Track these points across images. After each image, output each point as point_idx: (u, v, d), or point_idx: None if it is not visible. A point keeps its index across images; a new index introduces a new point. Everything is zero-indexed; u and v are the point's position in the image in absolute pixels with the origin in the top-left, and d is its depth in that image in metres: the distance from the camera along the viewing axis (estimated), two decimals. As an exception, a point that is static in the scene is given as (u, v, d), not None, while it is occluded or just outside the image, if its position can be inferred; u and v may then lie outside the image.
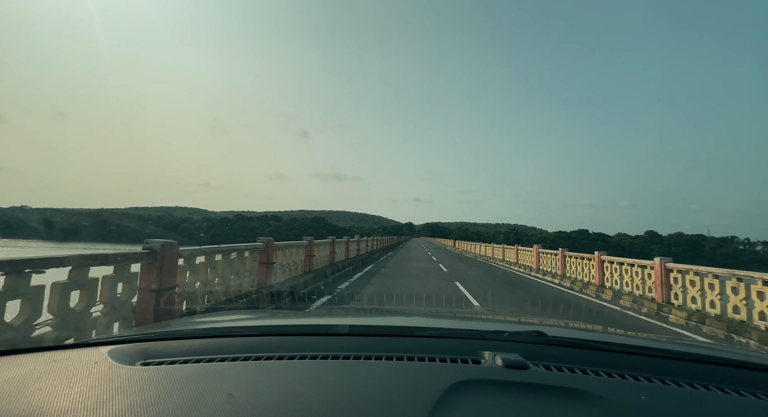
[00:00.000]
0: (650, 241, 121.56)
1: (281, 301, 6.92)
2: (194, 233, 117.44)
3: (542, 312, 7.73)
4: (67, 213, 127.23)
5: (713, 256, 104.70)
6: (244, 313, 1.83)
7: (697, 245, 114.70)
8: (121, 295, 3.55)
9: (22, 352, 0.98)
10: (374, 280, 11.02)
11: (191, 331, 1.17)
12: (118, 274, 3.51)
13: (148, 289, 3.81)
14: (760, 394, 0.83)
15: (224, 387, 0.73)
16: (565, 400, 0.74)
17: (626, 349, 1.05)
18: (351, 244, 15.72)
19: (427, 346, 1.04)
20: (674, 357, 1.04)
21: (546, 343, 1.06)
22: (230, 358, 0.91)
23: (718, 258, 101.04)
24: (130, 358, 0.92)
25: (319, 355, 0.93)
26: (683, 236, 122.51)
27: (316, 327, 1.27)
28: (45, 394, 0.71)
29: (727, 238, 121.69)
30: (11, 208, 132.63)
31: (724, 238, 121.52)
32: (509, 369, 0.85)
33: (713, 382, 0.87)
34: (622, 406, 0.72)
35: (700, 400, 0.79)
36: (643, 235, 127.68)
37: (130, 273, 3.70)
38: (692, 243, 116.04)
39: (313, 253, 9.98)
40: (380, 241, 29.45)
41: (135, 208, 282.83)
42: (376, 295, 8.36)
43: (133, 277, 3.73)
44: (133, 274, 3.72)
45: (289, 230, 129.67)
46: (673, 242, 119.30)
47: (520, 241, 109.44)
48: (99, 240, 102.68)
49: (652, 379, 0.87)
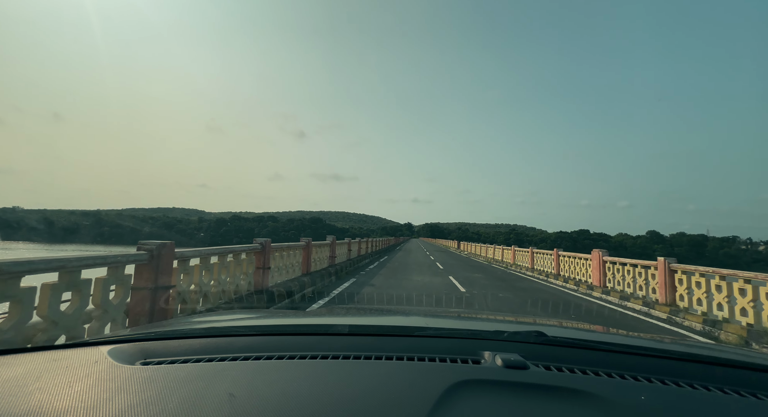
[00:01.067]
0: (652, 241, 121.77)
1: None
2: (192, 234, 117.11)
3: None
4: (60, 214, 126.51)
5: (716, 256, 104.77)
6: (244, 313, 1.84)
7: (700, 245, 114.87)
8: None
9: (21, 351, 0.99)
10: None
11: (191, 331, 1.17)
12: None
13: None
14: (760, 394, 0.83)
15: (224, 387, 0.74)
16: (565, 400, 0.74)
17: (626, 350, 1.06)
18: (317, 249, 11.09)
19: (426, 346, 1.05)
20: (674, 357, 1.04)
21: (546, 343, 1.06)
22: (230, 358, 0.92)
23: (721, 258, 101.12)
24: (130, 357, 0.93)
25: (319, 354, 0.94)
26: (685, 236, 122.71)
27: (316, 327, 1.28)
28: (45, 393, 0.72)
29: (729, 238, 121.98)
30: (2, 210, 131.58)
31: (726, 238, 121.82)
32: (509, 369, 0.86)
33: (713, 383, 0.88)
34: (622, 407, 0.72)
35: (700, 400, 0.79)
36: (645, 236, 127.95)
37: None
38: (694, 243, 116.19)
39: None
40: (373, 243, 25.30)
41: (132, 209, 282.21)
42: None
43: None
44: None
45: (287, 231, 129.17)
46: (675, 242, 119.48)
47: (521, 241, 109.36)
48: (89, 241, 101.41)
49: (652, 379, 0.87)
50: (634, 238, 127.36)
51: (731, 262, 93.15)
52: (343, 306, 7.15)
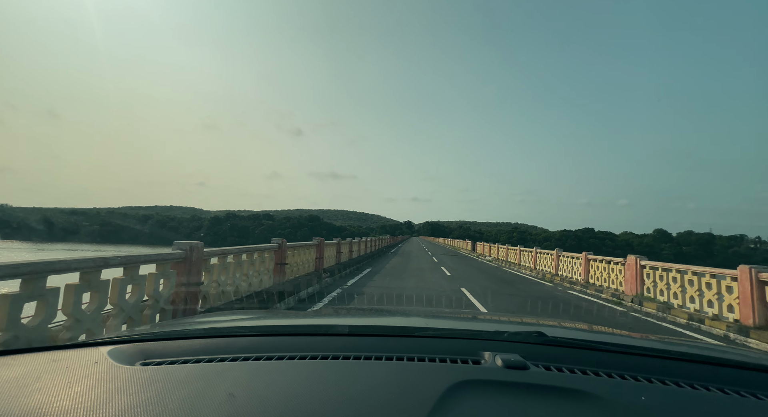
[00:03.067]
0: (659, 240, 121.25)
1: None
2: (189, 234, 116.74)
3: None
4: (52, 212, 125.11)
5: (725, 255, 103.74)
6: (244, 313, 1.85)
7: (708, 244, 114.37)
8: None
9: (21, 351, 1.00)
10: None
11: (191, 331, 1.19)
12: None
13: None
14: (761, 394, 0.84)
15: (224, 387, 0.75)
16: (565, 400, 0.75)
17: (626, 350, 1.07)
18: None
19: (427, 346, 1.06)
20: (674, 358, 1.06)
21: (546, 343, 1.07)
22: (230, 358, 0.93)
23: (731, 257, 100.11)
24: (129, 358, 0.94)
25: (319, 355, 0.95)
26: (693, 235, 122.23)
27: (316, 327, 1.29)
28: (45, 394, 0.73)
29: (736, 237, 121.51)
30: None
31: (733, 237, 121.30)
32: (509, 369, 0.87)
33: (713, 383, 0.89)
34: (622, 407, 0.73)
35: (700, 400, 0.80)
36: (652, 234, 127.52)
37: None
38: (703, 242, 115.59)
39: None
40: (365, 245, 20.65)
41: (128, 208, 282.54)
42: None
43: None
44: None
45: (282, 229, 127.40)
46: (683, 241, 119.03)
47: (524, 240, 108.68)
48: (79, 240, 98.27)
49: (652, 379, 0.88)
50: (640, 236, 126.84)
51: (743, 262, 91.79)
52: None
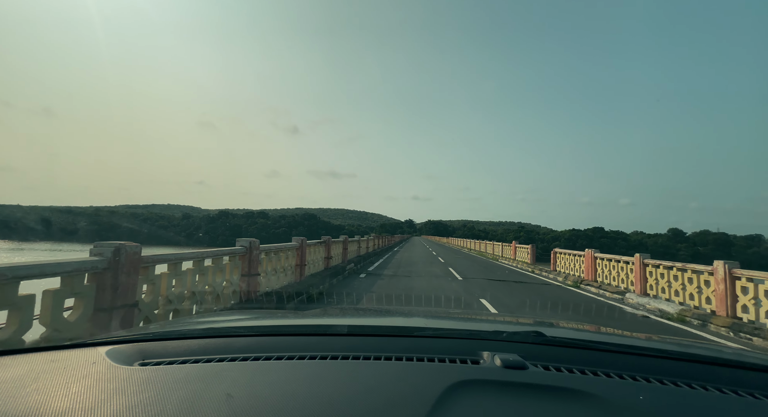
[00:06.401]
0: (674, 239, 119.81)
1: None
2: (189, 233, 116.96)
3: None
4: (45, 210, 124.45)
5: (744, 255, 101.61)
6: (243, 314, 1.86)
7: (726, 245, 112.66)
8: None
9: (19, 352, 1.02)
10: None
11: (189, 331, 1.21)
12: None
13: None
14: (758, 394, 0.86)
15: (223, 387, 0.76)
16: (564, 400, 0.77)
17: (625, 350, 1.09)
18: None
19: (426, 346, 1.07)
20: (672, 357, 1.07)
21: (545, 343, 1.09)
22: (229, 359, 0.94)
23: (752, 258, 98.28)
24: (128, 358, 0.95)
25: (318, 355, 0.97)
26: (710, 235, 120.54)
27: (315, 327, 1.31)
28: (43, 394, 0.74)
29: (753, 236, 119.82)
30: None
31: (750, 236, 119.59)
32: (508, 369, 0.88)
33: (711, 383, 0.91)
34: (621, 407, 0.75)
35: (698, 400, 0.82)
36: (666, 234, 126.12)
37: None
38: (720, 242, 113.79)
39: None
40: (356, 246, 16.73)
41: (126, 206, 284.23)
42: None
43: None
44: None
45: (277, 228, 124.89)
46: (698, 241, 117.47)
47: (532, 240, 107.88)
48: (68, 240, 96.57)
49: (650, 379, 0.90)
50: (653, 236, 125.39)
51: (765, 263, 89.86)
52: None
